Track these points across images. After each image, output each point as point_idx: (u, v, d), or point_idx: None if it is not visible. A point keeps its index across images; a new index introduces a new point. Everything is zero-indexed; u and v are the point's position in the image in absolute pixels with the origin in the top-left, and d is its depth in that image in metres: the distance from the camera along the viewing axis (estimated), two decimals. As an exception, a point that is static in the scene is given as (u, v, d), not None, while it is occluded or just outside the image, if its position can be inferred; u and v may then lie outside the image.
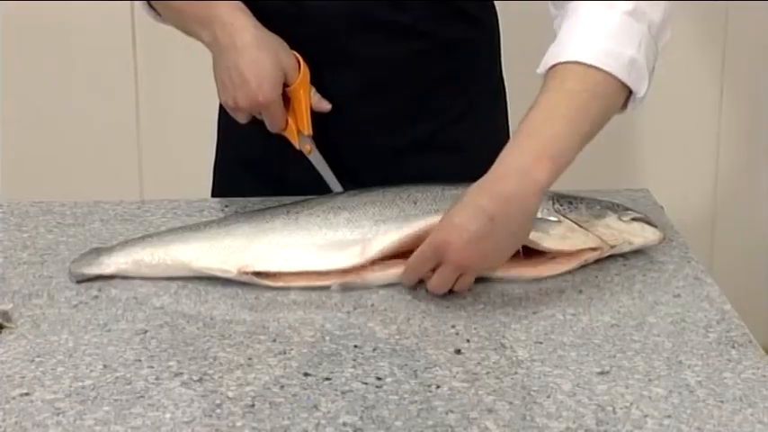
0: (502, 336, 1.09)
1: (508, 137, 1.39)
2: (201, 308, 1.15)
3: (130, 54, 2.51)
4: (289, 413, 0.95)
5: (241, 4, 1.36)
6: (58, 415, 0.95)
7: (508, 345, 1.07)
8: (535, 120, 1.16)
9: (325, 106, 1.39)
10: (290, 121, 1.38)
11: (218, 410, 0.95)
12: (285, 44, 1.36)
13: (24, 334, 1.10)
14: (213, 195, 1.56)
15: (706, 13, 2.53)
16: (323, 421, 0.93)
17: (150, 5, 1.45)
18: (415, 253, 1.16)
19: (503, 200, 1.13)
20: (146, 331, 1.10)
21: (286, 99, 1.37)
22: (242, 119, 1.38)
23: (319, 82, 1.39)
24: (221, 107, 1.50)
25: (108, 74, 2.54)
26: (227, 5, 1.35)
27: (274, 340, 1.08)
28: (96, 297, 1.18)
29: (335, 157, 1.40)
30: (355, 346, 1.07)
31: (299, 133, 1.38)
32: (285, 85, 1.36)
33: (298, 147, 1.39)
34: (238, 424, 0.93)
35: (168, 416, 0.94)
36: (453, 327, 1.11)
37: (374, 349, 1.06)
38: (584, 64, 1.18)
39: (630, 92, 1.21)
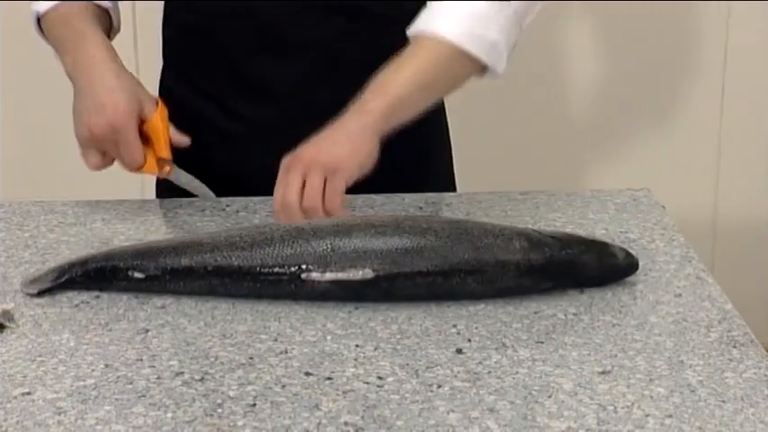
0: (503, 335, 1.09)
1: (445, 113, 1.59)
2: (203, 307, 1.15)
3: (132, 53, 2.51)
4: (290, 413, 0.95)
5: (109, 44, 1.41)
6: (59, 414, 0.95)
7: (509, 344, 1.07)
8: (384, 73, 1.32)
9: (185, 141, 1.42)
10: (149, 156, 1.39)
11: (220, 410, 0.95)
12: (143, 87, 1.40)
13: (26, 333, 1.10)
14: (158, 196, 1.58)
15: (707, 13, 2.53)
16: (324, 421, 0.93)
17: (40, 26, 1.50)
18: None
19: (340, 119, 1.30)
20: (147, 330, 1.10)
21: (144, 138, 1.38)
22: (93, 157, 1.39)
23: (269, 73, 1.43)
24: None
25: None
26: (96, 42, 1.40)
27: (275, 339, 1.08)
28: (98, 296, 1.18)
29: (290, 146, 1.38)
30: (356, 346, 1.07)
31: (159, 160, 1.39)
32: (142, 122, 1.38)
33: (159, 176, 1.40)
34: (239, 423, 0.93)
35: (170, 415, 0.94)
36: (455, 326, 1.11)
37: (375, 349, 1.06)
38: (449, 41, 1.32)
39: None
